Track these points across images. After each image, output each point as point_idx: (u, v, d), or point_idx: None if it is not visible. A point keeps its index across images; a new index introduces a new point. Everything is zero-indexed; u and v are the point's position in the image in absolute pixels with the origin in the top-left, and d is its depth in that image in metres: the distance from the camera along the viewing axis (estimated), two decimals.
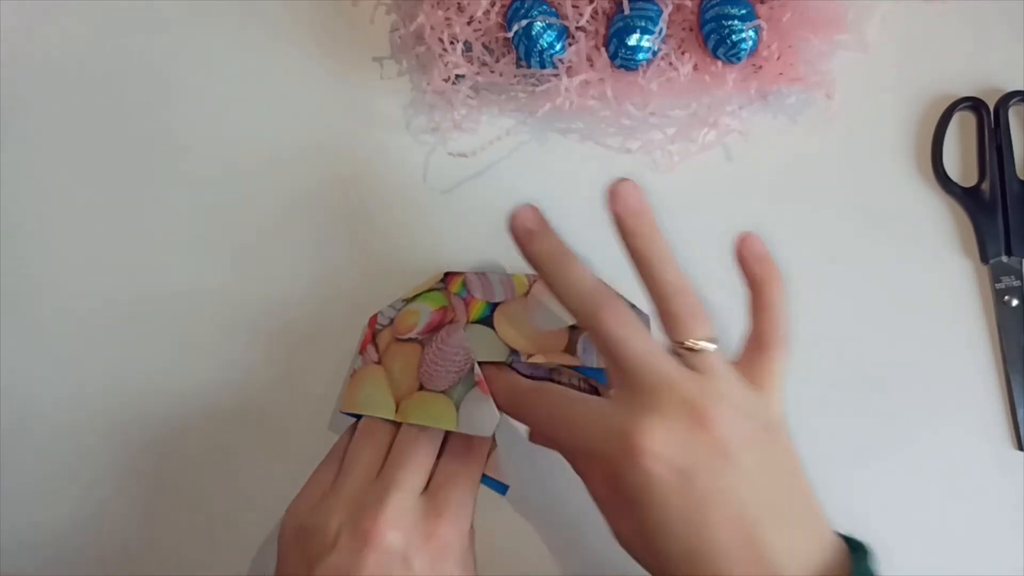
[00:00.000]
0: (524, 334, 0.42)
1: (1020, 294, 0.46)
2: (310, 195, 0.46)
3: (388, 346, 0.42)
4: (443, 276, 0.44)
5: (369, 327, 0.44)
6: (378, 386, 0.41)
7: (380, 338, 0.43)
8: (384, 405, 0.41)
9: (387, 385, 0.41)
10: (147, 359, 0.45)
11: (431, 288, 0.44)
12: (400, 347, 0.42)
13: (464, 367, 0.40)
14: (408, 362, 0.42)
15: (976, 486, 0.45)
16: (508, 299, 0.43)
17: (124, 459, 0.44)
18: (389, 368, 0.42)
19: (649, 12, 0.43)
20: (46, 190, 0.47)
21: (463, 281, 0.44)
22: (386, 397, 0.41)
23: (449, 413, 0.39)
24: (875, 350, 0.46)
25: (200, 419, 0.45)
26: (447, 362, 0.41)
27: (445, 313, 0.43)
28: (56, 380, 0.45)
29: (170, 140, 0.47)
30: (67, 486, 0.44)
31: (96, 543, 0.44)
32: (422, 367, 0.41)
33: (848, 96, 0.47)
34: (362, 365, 0.43)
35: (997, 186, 0.47)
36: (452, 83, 0.45)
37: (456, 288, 0.43)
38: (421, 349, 0.41)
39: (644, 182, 0.46)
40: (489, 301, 0.43)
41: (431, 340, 0.42)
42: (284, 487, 0.39)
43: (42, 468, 0.44)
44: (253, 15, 0.48)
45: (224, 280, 0.46)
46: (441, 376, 0.40)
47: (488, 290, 0.43)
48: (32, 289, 0.46)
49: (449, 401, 0.39)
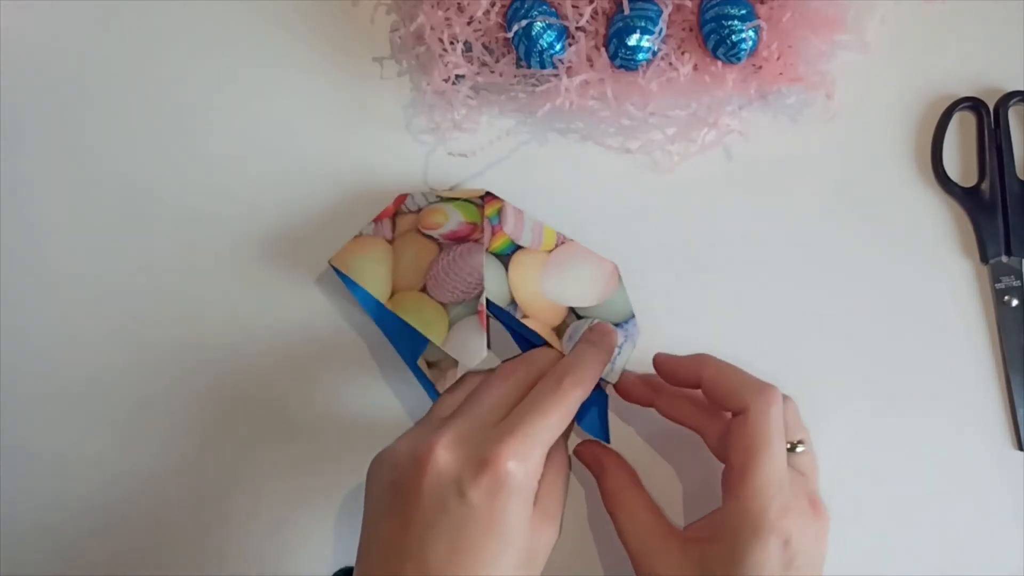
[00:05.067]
0: (531, 289, 0.41)
1: (1020, 294, 0.46)
2: (310, 195, 0.46)
3: (407, 232, 0.41)
4: (484, 193, 0.44)
5: (395, 203, 0.43)
6: (380, 263, 0.41)
7: (401, 220, 0.42)
8: (380, 284, 0.40)
9: (389, 268, 0.41)
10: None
11: (469, 199, 0.43)
12: (418, 239, 0.41)
13: (472, 290, 0.39)
14: (420, 258, 0.41)
15: (976, 486, 0.45)
16: (532, 247, 0.42)
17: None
18: (399, 253, 0.41)
19: (649, 12, 0.43)
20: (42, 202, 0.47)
21: (500, 209, 0.43)
22: (384, 278, 0.40)
23: (441, 326, 0.39)
24: (875, 350, 0.46)
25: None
26: (457, 278, 0.40)
27: (473, 229, 0.42)
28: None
29: (168, 140, 0.47)
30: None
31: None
32: (432, 270, 0.40)
33: (848, 96, 0.47)
34: (371, 234, 0.42)
35: (997, 186, 0.47)
36: (452, 83, 0.45)
37: (491, 212, 0.43)
38: (438, 251, 0.41)
39: (644, 182, 0.47)
40: (515, 240, 0.42)
41: (450, 248, 0.41)
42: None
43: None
44: (253, 15, 0.48)
45: (224, 281, 0.46)
46: (447, 289, 0.40)
47: (519, 229, 0.43)
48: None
49: (446, 315, 0.39)
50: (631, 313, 0.43)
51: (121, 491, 0.44)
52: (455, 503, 0.34)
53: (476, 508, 0.34)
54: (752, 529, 0.36)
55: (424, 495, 0.35)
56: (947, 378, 0.46)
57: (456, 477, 0.34)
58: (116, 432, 0.45)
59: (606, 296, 0.42)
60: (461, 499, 0.34)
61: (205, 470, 0.45)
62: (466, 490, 0.34)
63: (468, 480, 0.34)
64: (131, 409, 0.45)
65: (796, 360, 0.45)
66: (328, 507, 0.44)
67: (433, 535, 0.34)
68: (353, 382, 0.45)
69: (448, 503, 0.34)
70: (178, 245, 0.46)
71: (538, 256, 0.42)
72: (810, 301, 0.46)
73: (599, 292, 0.42)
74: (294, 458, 0.44)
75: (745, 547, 0.35)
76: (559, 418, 0.36)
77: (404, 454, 0.36)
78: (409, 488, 0.35)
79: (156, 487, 0.44)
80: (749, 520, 0.36)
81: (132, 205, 0.46)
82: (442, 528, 0.34)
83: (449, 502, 0.34)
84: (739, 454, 0.37)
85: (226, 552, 0.44)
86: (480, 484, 0.34)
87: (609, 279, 0.43)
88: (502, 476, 0.34)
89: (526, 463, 0.35)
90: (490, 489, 0.34)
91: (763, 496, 0.36)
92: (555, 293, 0.42)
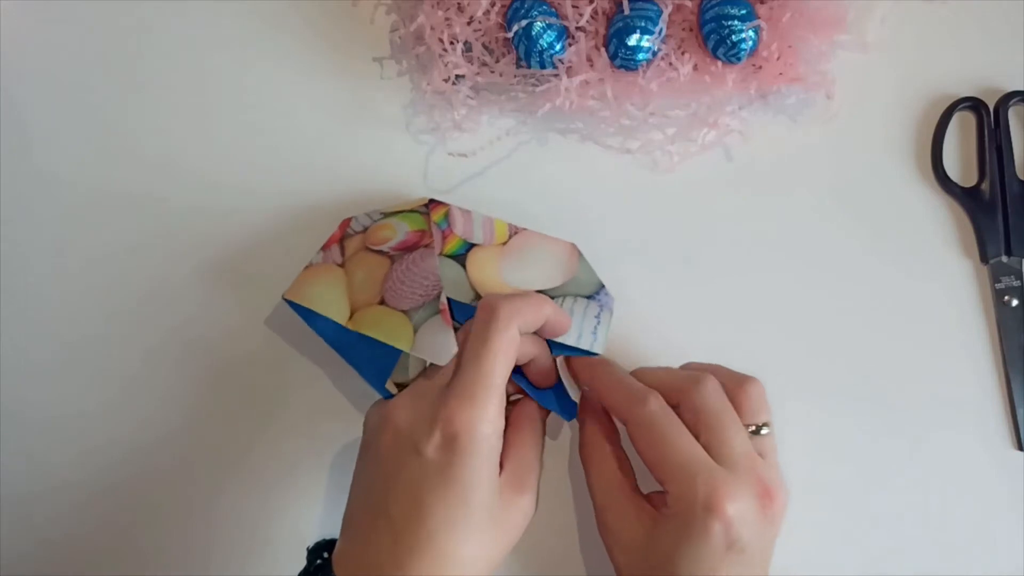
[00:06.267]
0: (493, 282, 0.42)
1: (1020, 294, 0.46)
2: (310, 195, 0.46)
3: (356, 253, 0.42)
4: (428, 202, 0.44)
5: (340, 228, 0.44)
6: (334, 287, 0.41)
7: (349, 243, 0.43)
8: (337, 307, 0.40)
9: (345, 289, 0.41)
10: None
11: (413, 209, 0.44)
12: (368, 257, 0.42)
13: (431, 292, 0.40)
14: (373, 273, 0.41)
15: (976, 486, 0.45)
16: (486, 243, 0.43)
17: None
18: (352, 274, 0.41)
19: (649, 12, 0.43)
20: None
21: (447, 212, 0.44)
22: (341, 300, 0.41)
23: (406, 333, 0.39)
24: (875, 350, 0.46)
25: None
26: (414, 284, 0.40)
27: (422, 236, 0.42)
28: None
29: (165, 141, 0.47)
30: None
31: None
32: (387, 282, 0.41)
33: (848, 96, 0.47)
34: (321, 262, 0.42)
35: (997, 186, 0.47)
36: (452, 83, 0.45)
37: (438, 217, 0.43)
38: (390, 264, 0.41)
39: (644, 182, 0.47)
40: (467, 240, 0.43)
41: (402, 258, 0.41)
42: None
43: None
44: (253, 16, 0.48)
45: (223, 283, 0.46)
46: (405, 296, 0.40)
47: (468, 228, 0.43)
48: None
49: (408, 322, 0.39)
50: (600, 284, 0.43)
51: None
52: (413, 460, 0.35)
53: (432, 463, 0.35)
54: (688, 511, 0.36)
55: (385, 453, 0.37)
56: (947, 378, 0.46)
57: (412, 435, 0.36)
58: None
59: (570, 274, 0.43)
60: (418, 456, 0.35)
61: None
62: (422, 447, 0.35)
63: (422, 437, 0.35)
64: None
65: (796, 360, 0.45)
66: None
67: (396, 491, 0.36)
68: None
69: (407, 460, 0.36)
70: (175, 240, 0.46)
71: (493, 250, 0.43)
72: (810, 300, 0.46)
73: (561, 272, 0.43)
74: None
75: (684, 527, 0.36)
76: (494, 364, 0.36)
77: (373, 416, 0.38)
78: (376, 447, 0.37)
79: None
80: (683, 503, 0.36)
81: (131, 206, 0.47)
82: (403, 484, 0.35)
83: (408, 459, 0.36)
84: (644, 447, 0.38)
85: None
86: (432, 440, 0.35)
87: (569, 257, 0.43)
88: (452, 431, 0.35)
89: (472, 414, 0.35)
90: (441, 445, 0.35)
91: (680, 482, 0.36)
92: (518, 280, 0.42)
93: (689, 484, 0.36)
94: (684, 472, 0.36)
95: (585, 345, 0.41)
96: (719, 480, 0.35)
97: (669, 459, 0.36)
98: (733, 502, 0.35)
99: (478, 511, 0.35)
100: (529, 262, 0.43)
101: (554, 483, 0.44)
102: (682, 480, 0.36)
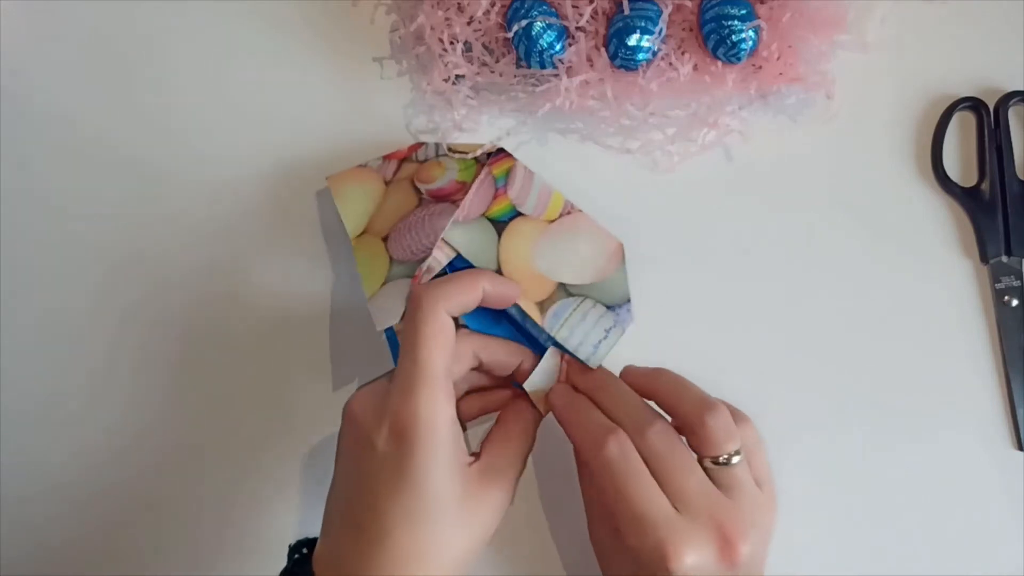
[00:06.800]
0: (520, 260, 0.40)
1: (1020, 294, 0.46)
2: (310, 195, 0.46)
3: (403, 180, 0.41)
4: (497, 149, 0.43)
5: (408, 150, 0.43)
6: (367, 199, 0.41)
7: (405, 167, 0.42)
8: (356, 218, 0.40)
9: (373, 207, 0.40)
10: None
11: (475, 155, 0.43)
12: (407, 189, 0.41)
13: (420, 253, 0.39)
14: (401, 208, 0.41)
15: (976, 486, 0.45)
16: (534, 214, 0.41)
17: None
18: (388, 197, 0.41)
19: (649, 12, 0.43)
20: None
21: (510, 169, 0.42)
22: (363, 215, 0.40)
23: (379, 280, 0.38)
24: (875, 350, 0.46)
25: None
26: (416, 237, 0.39)
27: (459, 188, 0.41)
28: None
29: (166, 141, 0.47)
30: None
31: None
32: (401, 223, 0.40)
33: (848, 96, 0.47)
34: (376, 169, 0.42)
35: (997, 186, 0.47)
36: (452, 83, 0.45)
37: (499, 172, 0.42)
38: (416, 207, 0.40)
39: (644, 182, 0.47)
40: (516, 206, 0.41)
41: (426, 206, 0.40)
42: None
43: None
44: (253, 15, 0.48)
45: (222, 284, 0.46)
46: (402, 246, 0.39)
47: (524, 193, 0.41)
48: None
49: (387, 271, 0.38)
50: (627, 298, 0.41)
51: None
52: (368, 454, 0.36)
53: (385, 456, 0.35)
54: (646, 564, 0.35)
55: (345, 449, 0.37)
56: (947, 378, 0.46)
57: (366, 429, 0.36)
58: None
59: (604, 275, 0.41)
60: (373, 450, 0.35)
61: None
62: (375, 441, 0.35)
63: (373, 431, 0.36)
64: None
65: (796, 360, 0.45)
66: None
67: (356, 487, 0.36)
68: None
69: (364, 455, 0.36)
70: (172, 235, 0.46)
71: (536, 226, 0.41)
72: (809, 300, 0.46)
73: (596, 270, 0.41)
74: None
75: (642, 568, 0.35)
76: (428, 353, 0.36)
77: (343, 412, 0.38)
78: (340, 443, 0.38)
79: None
80: (641, 555, 0.35)
81: (131, 209, 0.47)
82: (362, 479, 0.36)
83: (364, 454, 0.36)
84: (600, 493, 0.38)
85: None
86: (382, 434, 0.35)
87: (611, 257, 0.41)
88: (400, 424, 0.35)
89: (416, 405, 0.35)
90: (390, 438, 0.35)
91: (635, 535, 0.35)
92: (547, 266, 0.40)
93: (642, 538, 0.35)
94: (638, 525, 0.35)
95: (583, 356, 0.40)
96: (673, 533, 0.35)
97: (623, 511, 0.36)
98: (687, 555, 0.34)
99: (434, 502, 0.35)
100: (567, 249, 0.41)
101: (554, 484, 0.44)
102: (637, 533, 0.35)
